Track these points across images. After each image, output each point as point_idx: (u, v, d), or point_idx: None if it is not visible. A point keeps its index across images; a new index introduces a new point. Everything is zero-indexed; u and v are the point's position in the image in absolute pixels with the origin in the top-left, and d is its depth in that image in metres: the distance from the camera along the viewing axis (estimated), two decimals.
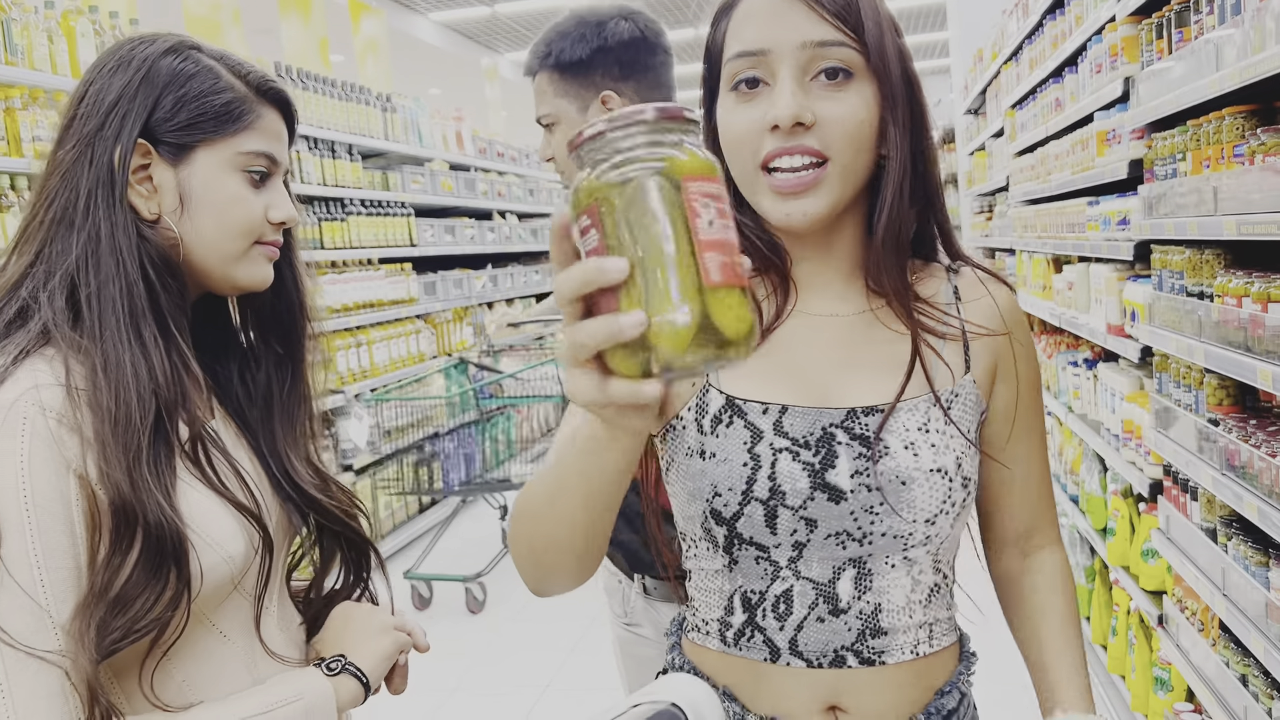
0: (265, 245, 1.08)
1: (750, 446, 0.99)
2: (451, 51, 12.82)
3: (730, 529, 1.00)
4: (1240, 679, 2.25)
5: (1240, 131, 2.11)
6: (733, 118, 0.99)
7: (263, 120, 1.08)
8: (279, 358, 1.10)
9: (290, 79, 5.11)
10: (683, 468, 1.01)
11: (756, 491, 0.98)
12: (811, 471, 0.99)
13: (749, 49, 0.97)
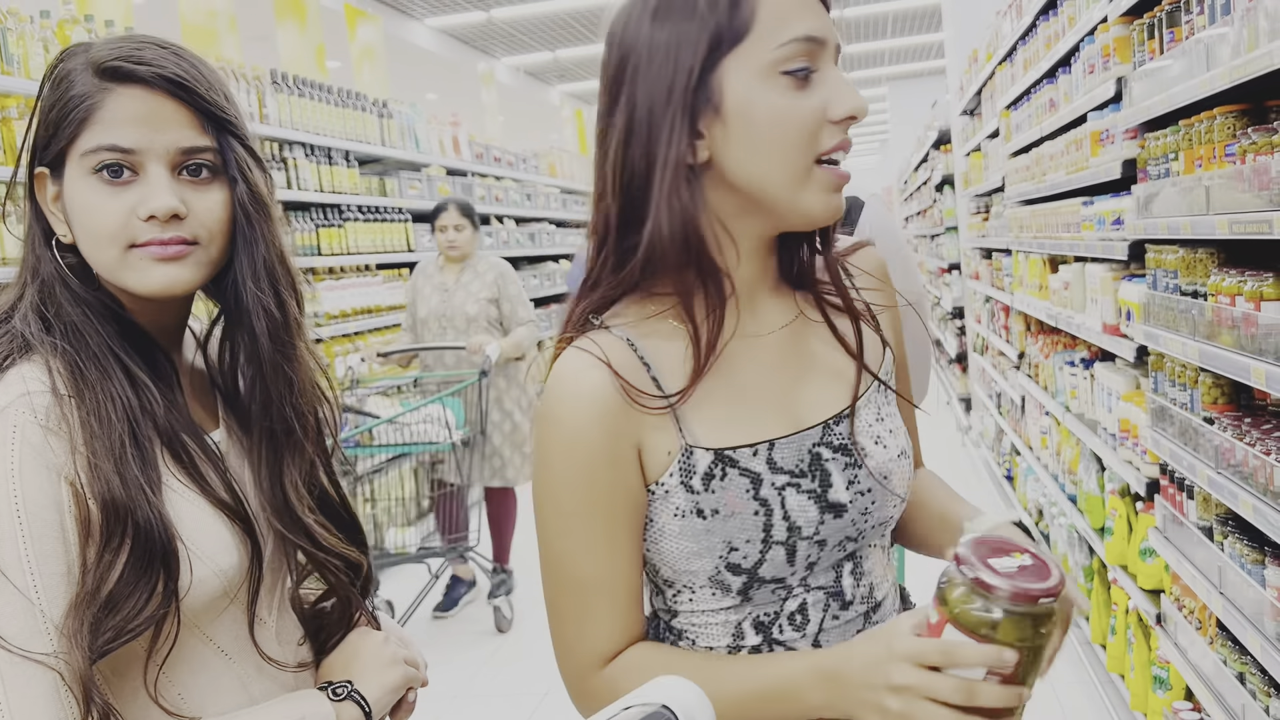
0: (147, 247, 0.95)
1: (754, 493, 0.98)
2: (448, 57, 12.84)
3: (751, 575, 0.99)
4: (1238, 677, 2.25)
5: (1231, 131, 2.12)
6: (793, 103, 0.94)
7: (104, 109, 0.94)
8: (265, 372, 1.02)
9: (286, 86, 5.12)
10: (676, 529, 0.99)
11: (775, 535, 0.98)
12: (815, 497, 1.00)
13: (814, 34, 0.94)
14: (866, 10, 12.98)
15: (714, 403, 1.00)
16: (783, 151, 0.94)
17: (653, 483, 0.99)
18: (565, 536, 0.99)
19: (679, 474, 0.98)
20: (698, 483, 0.98)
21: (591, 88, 17.48)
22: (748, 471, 0.98)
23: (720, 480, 0.98)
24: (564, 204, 9.70)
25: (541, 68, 15.30)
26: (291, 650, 1.06)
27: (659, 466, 0.99)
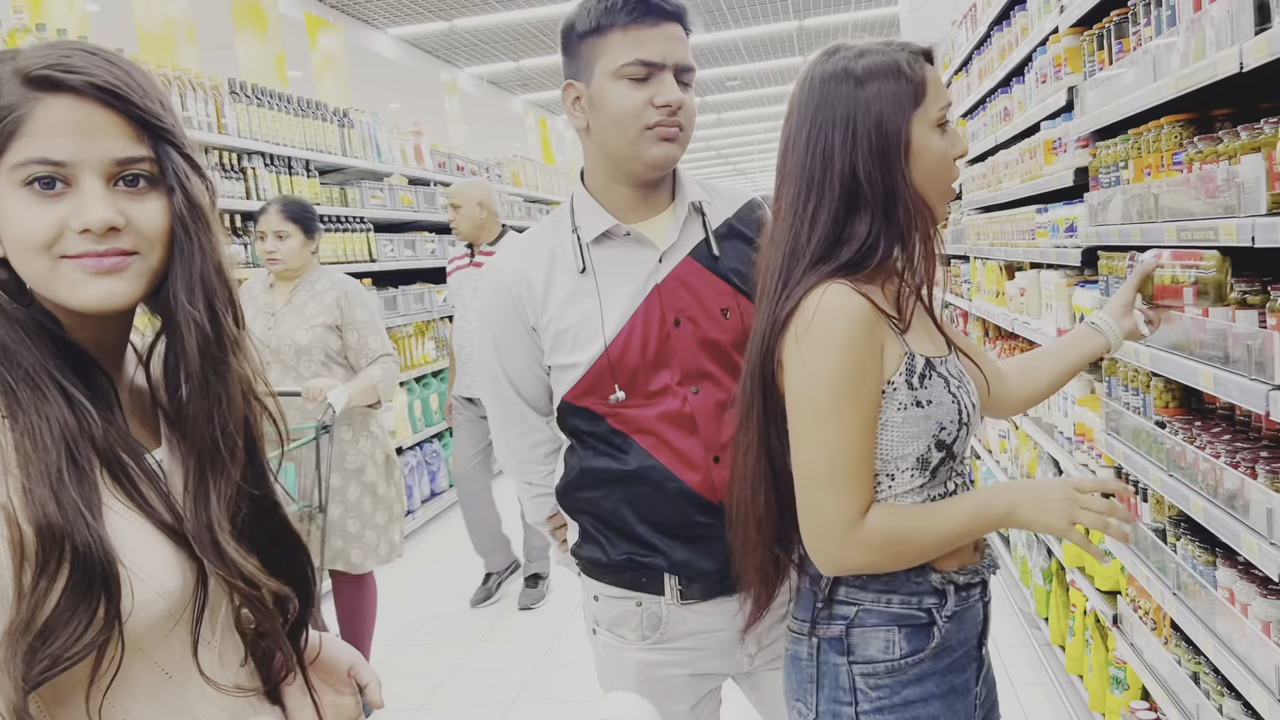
0: (81, 259, 0.92)
1: (948, 388, 1.39)
2: (410, 66, 12.78)
3: (949, 450, 1.39)
4: (1192, 677, 2.29)
5: (1178, 140, 2.16)
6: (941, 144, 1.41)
7: (33, 120, 0.91)
8: (194, 387, 0.99)
9: (245, 95, 5.08)
10: (899, 419, 1.36)
11: (963, 418, 1.40)
12: (969, 394, 1.43)
13: (950, 100, 1.45)
14: (827, 20, 13.10)
15: (913, 329, 1.41)
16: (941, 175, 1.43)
17: (884, 383, 1.36)
18: (841, 416, 1.32)
19: (904, 373, 1.37)
20: (915, 380, 1.37)
21: (554, 96, 17.45)
22: (941, 374, 1.40)
23: (929, 379, 1.38)
24: (528, 212, 9.69)
25: (505, 77, 15.27)
26: (232, 672, 1.04)
27: (891, 368, 1.36)
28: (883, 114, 1.36)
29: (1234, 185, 1.78)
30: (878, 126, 1.36)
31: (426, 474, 6.47)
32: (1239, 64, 1.69)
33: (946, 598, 1.41)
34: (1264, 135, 1.75)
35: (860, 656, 1.41)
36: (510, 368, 1.73)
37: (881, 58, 1.39)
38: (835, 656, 1.42)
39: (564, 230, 1.71)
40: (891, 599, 1.41)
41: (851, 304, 1.33)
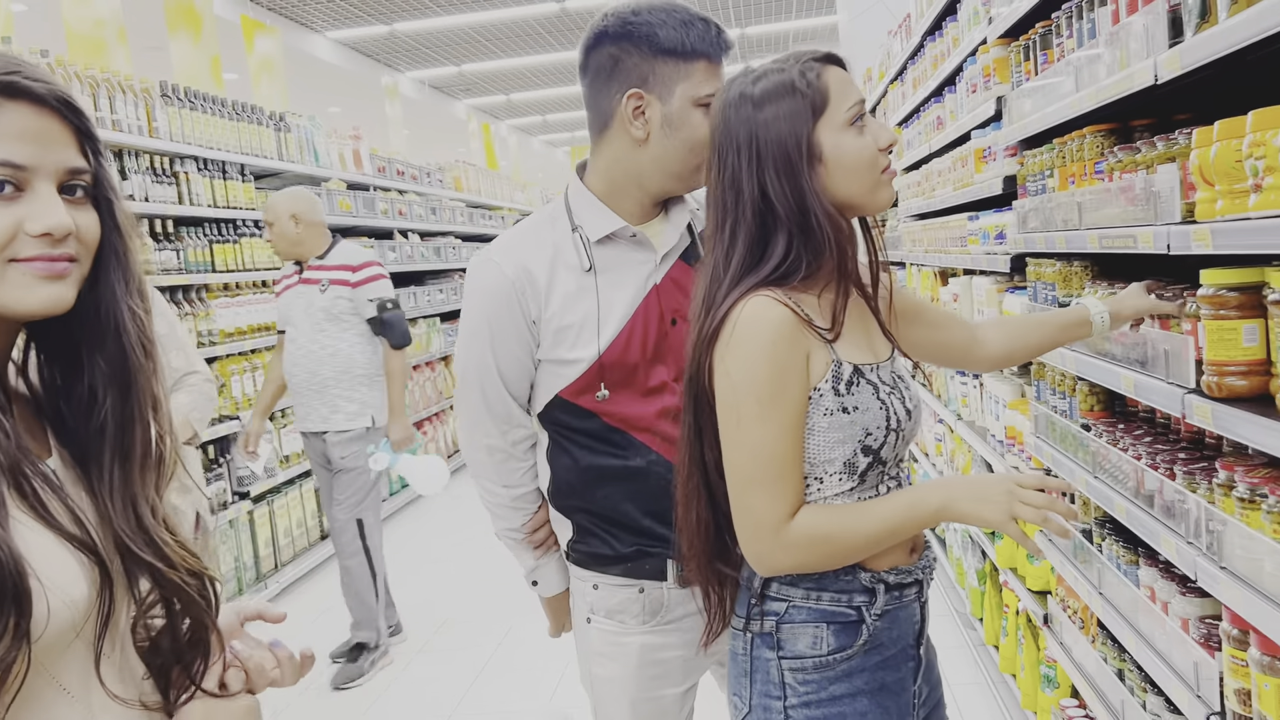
0: (32, 263, 0.93)
1: (876, 395, 1.42)
2: (350, 70, 12.66)
3: (875, 456, 1.42)
4: (1117, 674, 2.34)
5: (1100, 149, 2.21)
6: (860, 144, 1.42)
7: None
8: (104, 385, 1.00)
9: (177, 98, 4.99)
10: (825, 424, 1.40)
11: (891, 424, 1.43)
12: (903, 402, 1.47)
13: (861, 97, 1.45)
14: (767, 29, 13.22)
15: (843, 336, 1.44)
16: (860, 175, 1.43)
17: (810, 389, 1.39)
18: (765, 422, 1.36)
19: (831, 380, 1.40)
20: (843, 387, 1.40)
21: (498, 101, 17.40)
22: (870, 381, 1.43)
23: (856, 386, 1.41)
24: (470, 218, 9.64)
25: (447, 81, 15.19)
26: (134, 685, 1.02)
27: (818, 375, 1.39)
28: (782, 133, 1.39)
29: (1151, 194, 1.82)
30: (779, 146, 1.39)
31: None
32: (1154, 76, 1.73)
33: (876, 596, 1.44)
34: (1179, 146, 1.80)
35: (789, 652, 1.44)
36: (502, 360, 1.72)
37: (776, 77, 1.42)
38: (766, 651, 1.45)
39: (563, 228, 1.72)
40: (821, 596, 1.43)
41: (774, 315, 1.36)
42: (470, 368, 1.75)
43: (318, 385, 4.02)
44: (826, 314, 1.43)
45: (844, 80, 1.44)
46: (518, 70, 14.77)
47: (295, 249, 4.05)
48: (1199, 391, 1.69)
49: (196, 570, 1.02)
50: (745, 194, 1.41)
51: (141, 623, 1.01)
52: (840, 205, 1.43)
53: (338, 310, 4.00)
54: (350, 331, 4.01)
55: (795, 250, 1.41)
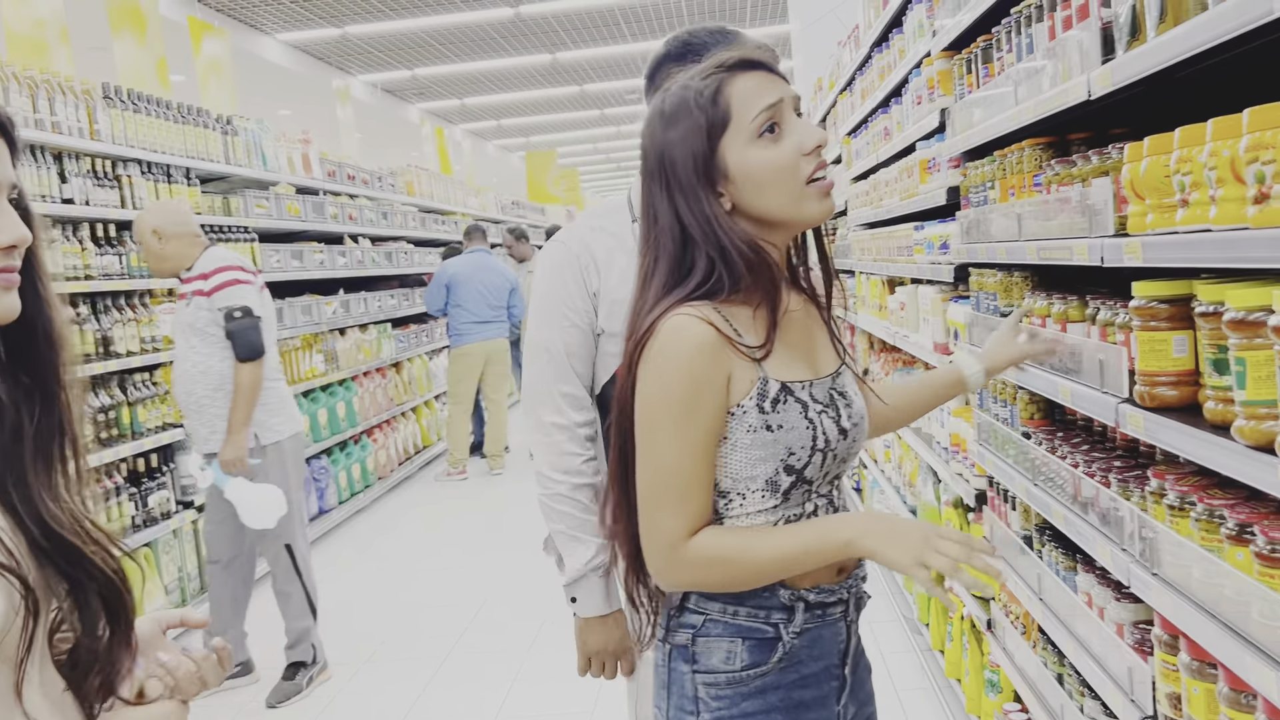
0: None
1: (804, 414, 1.38)
2: (301, 72, 12.52)
3: (799, 475, 1.39)
4: (1057, 678, 2.38)
5: (1038, 162, 2.25)
6: (771, 155, 1.36)
7: None
8: (27, 394, 0.99)
9: (120, 100, 4.90)
10: (748, 441, 1.36)
11: (817, 444, 1.39)
12: (836, 422, 1.42)
13: (773, 100, 1.37)
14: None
15: (775, 351, 1.39)
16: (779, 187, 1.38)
17: (734, 406, 1.36)
18: (673, 439, 1.34)
19: (756, 398, 1.36)
20: (768, 405, 1.36)
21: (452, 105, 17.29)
22: (799, 399, 1.39)
23: (783, 404, 1.37)
24: (422, 223, 9.57)
25: (400, 85, 15.08)
26: (56, 699, 1.00)
27: (741, 392, 1.36)
28: (684, 155, 1.37)
29: (1086, 207, 1.86)
30: (683, 169, 1.37)
31: (315, 491, 6.32)
32: (1088, 92, 1.77)
33: (795, 614, 1.41)
34: (1112, 160, 1.83)
35: (703, 666, 1.42)
36: (567, 331, 1.84)
37: (679, 94, 1.39)
38: (682, 664, 1.44)
39: (623, 219, 1.89)
40: (739, 611, 1.41)
41: (692, 333, 1.34)
42: (539, 340, 1.87)
43: (195, 405, 3.78)
44: (762, 328, 1.40)
45: (753, 88, 1.38)
46: (472, 74, 14.71)
47: (165, 265, 3.83)
48: (1132, 401, 1.72)
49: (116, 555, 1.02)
50: (661, 217, 1.40)
51: (60, 632, 1.00)
52: (767, 222, 1.40)
53: (201, 324, 3.74)
54: (219, 345, 3.74)
55: (716, 271, 1.38)
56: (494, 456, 7.85)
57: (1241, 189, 1.30)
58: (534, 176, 18.34)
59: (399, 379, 8.17)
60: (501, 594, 5.01)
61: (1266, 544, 1.37)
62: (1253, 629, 1.37)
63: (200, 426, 3.80)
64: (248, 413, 3.72)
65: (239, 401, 3.70)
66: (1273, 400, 1.28)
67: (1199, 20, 1.35)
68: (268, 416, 3.86)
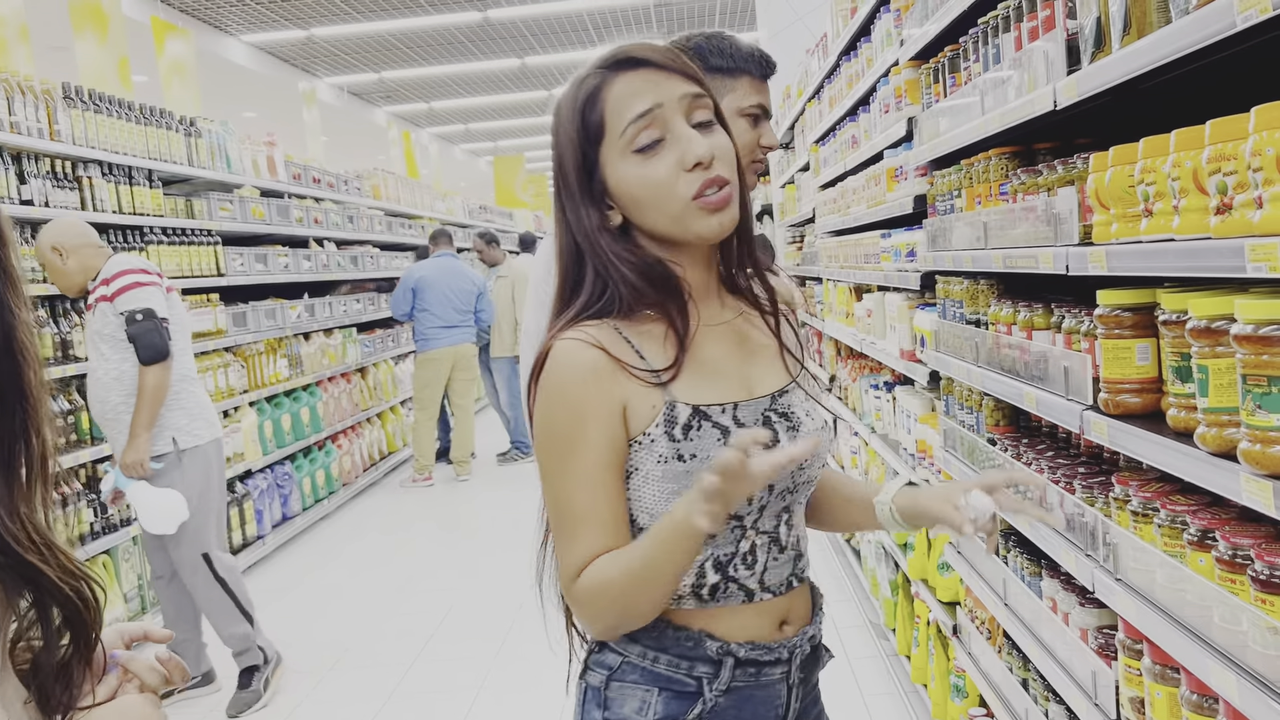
0: None
1: (722, 441, 1.23)
2: (266, 74, 12.41)
3: None
4: (1022, 683, 2.40)
5: (1004, 171, 2.28)
6: (647, 174, 1.22)
7: None
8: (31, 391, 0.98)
9: (81, 101, 4.83)
10: (659, 473, 1.23)
11: None
12: (766, 449, 1.17)
13: (645, 108, 1.21)
14: None
15: (688, 373, 1.26)
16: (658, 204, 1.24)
17: (638, 435, 1.23)
18: (563, 474, 1.24)
19: (663, 425, 1.23)
20: (678, 432, 1.23)
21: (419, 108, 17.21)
22: (718, 424, 1.24)
23: (697, 431, 1.23)
24: (389, 226, 9.51)
25: (366, 88, 14.99)
26: (16, 713, 0.97)
27: (644, 419, 1.23)
28: (566, 160, 1.27)
29: (1051, 216, 1.88)
30: (571, 178, 1.27)
31: (278, 497, 6.25)
32: (1053, 102, 1.79)
33: (722, 669, 1.26)
34: (1077, 169, 1.86)
35: (614, 714, 1.28)
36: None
37: (566, 94, 1.27)
38: (594, 709, 1.31)
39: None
40: (660, 657, 1.27)
41: (576, 360, 1.23)
42: (532, 335, 1.89)
43: (111, 414, 3.67)
44: (674, 348, 1.26)
45: (629, 93, 1.22)
46: (439, 78, 14.65)
47: (73, 281, 3.71)
48: (1096, 408, 1.74)
49: (79, 575, 0.99)
50: (558, 227, 1.30)
51: (22, 642, 0.97)
52: (662, 239, 1.27)
53: (109, 330, 3.63)
54: (129, 349, 3.62)
55: (608, 289, 1.26)
56: (460, 463, 7.81)
57: (1204, 199, 1.32)
58: (502, 181, 18.29)
59: (364, 384, 8.11)
60: (467, 602, 4.97)
61: (1228, 549, 1.39)
62: (1214, 633, 1.39)
63: (118, 435, 3.69)
64: (151, 416, 3.62)
65: (142, 405, 3.59)
66: (1234, 407, 1.29)
67: (1162, 33, 1.37)
68: (188, 421, 3.77)
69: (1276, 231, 1.13)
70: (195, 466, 3.76)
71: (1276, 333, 1.17)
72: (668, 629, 1.27)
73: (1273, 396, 1.18)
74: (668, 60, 1.24)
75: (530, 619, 4.61)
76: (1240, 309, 1.22)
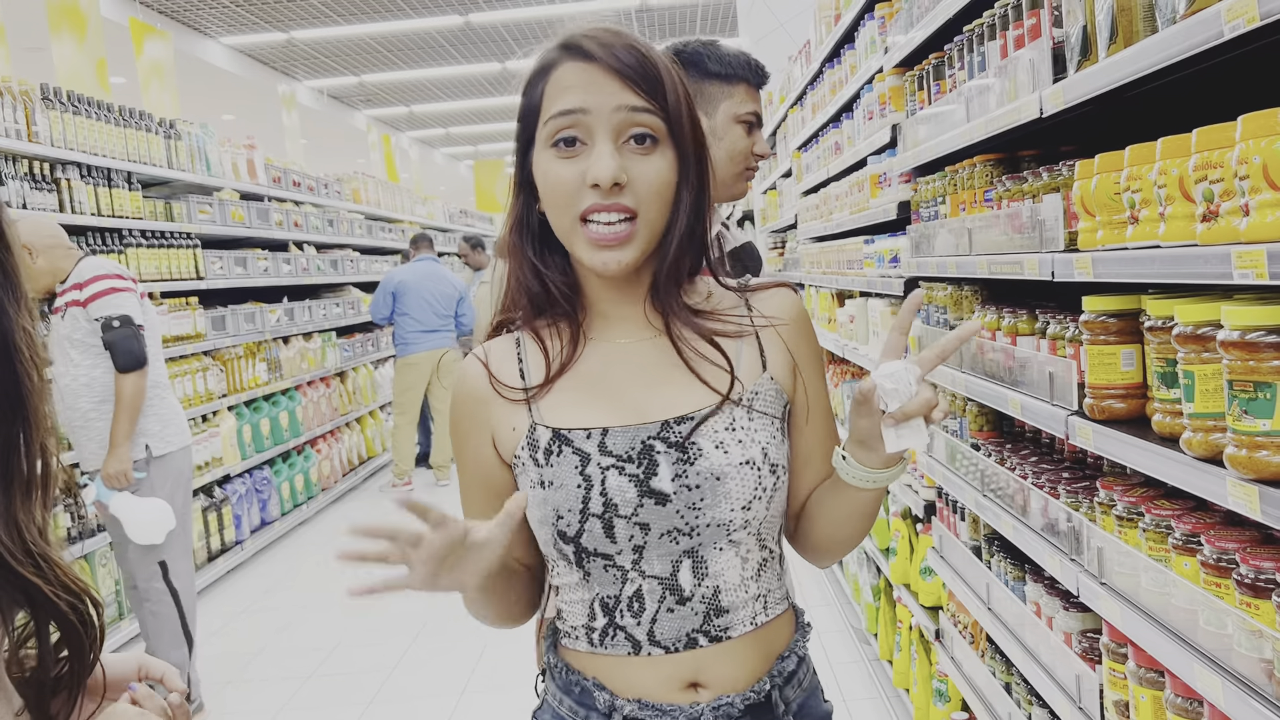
0: None
1: (581, 469, 1.12)
2: (246, 77, 12.34)
3: (576, 545, 1.13)
4: (1005, 687, 2.41)
5: (989, 178, 2.29)
6: (554, 171, 1.11)
7: None
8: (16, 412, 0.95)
9: (59, 102, 4.78)
10: (530, 499, 1.14)
11: (592, 508, 1.12)
12: (637, 481, 1.12)
13: (570, 107, 1.09)
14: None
15: (562, 392, 1.18)
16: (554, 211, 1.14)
17: (510, 457, 1.18)
18: (462, 490, 1.25)
19: (528, 449, 1.16)
20: (540, 456, 1.15)
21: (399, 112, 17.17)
22: (579, 451, 1.13)
23: (556, 456, 1.14)
24: (369, 230, 9.47)
25: (346, 91, 14.93)
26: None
27: (511, 442, 1.17)
28: (517, 132, 1.19)
29: (1036, 223, 1.89)
30: (518, 148, 1.19)
31: (256, 502, 6.21)
32: (1039, 110, 1.80)
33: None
34: (1062, 176, 1.87)
35: None
36: None
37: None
38: None
39: None
40: (564, 700, 1.21)
41: (463, 371, 1.23)
42: None
43: (81, 421, 3.62)
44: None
45: (565, 85, 1.11)
46: (420, 82, 14.61)
47: (40, 282, 3.64)
48: (1081, 413, 1.75)
49: (77, 591, 0.97)
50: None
51: (18, 654, 0.96)
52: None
53: (79, 335, 3.57)
54: (100, 356, 3.58)
55: (521, 290, 1.22)
56: (440, 467, 7.77)
57: (1190, 207, 1.33)
58: (482, 185, 18.25)
59: (344, 388, 8.06)
60: (445, 608, 4.94)
61: (1213, 554, 1.40)
62: (1199, 637, 1.40)
63: (89, 442, 3.64)
64: (131, 425, 3.57)
65: (121, 414, 3.55)
66: (1220, 413, 1.31)
67: (1149, 42, 1.38)
68: (161, 427, 3.71)
69: (1263, 239, 1.15)
70: (167, 473, 3.72)
71: (1263, 339, 1.18)
72: (568, 671, 1.20)
73: (1259, 402, 1.19)
74: (618, 62, 1.09)
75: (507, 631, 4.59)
76: (1227, 315, 1.23)
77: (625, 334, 1.20)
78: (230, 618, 5.02)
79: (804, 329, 1.26)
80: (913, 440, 1.08)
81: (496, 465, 1.20)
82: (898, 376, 1.06)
